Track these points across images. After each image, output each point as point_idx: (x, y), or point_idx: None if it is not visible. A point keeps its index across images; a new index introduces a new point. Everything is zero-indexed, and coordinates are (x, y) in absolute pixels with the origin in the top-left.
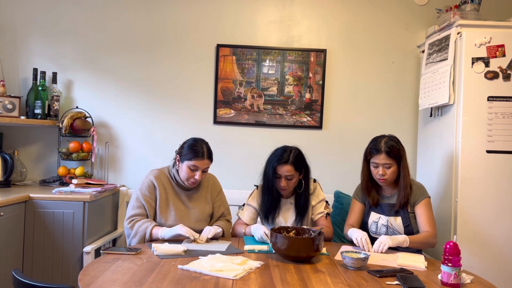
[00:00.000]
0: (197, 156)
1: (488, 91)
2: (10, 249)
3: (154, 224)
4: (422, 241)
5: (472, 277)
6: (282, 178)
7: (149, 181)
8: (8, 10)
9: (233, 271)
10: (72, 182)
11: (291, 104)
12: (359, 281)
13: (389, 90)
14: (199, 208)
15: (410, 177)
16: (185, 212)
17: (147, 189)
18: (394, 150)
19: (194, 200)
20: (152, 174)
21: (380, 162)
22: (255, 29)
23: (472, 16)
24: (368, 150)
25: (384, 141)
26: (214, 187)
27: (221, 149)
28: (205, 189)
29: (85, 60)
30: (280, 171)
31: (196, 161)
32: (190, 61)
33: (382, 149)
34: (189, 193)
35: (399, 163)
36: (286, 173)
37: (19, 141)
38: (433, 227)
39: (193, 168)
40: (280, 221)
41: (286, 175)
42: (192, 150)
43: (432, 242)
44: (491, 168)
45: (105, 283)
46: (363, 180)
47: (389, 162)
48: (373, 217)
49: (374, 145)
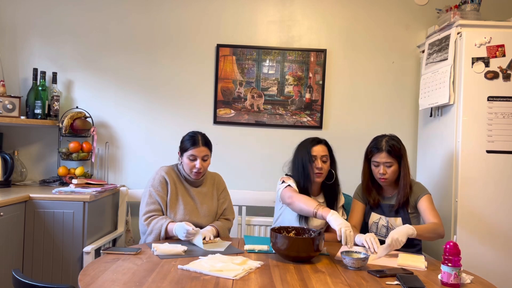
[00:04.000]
0: (193, 145)
1: (488, 91)
2: (10, 249)
3: (169, 220)
4: (430, 230)
5: (472, 277)
6: (318, 159)
7: (161, 177)
8: (8, 10)
9: (233, 271)
10: (72, 182)
11: (291, 104)
12: (359, 281)
13: (389, 90)
14: (207, 205)
15: (410, 177)
16: (194, 207)
17: (159, 185)
18: (395, 149)
19: (203, 196)
20: (163, 170)
21: (381, 160)
22: (255, 29)
23: (472, 16)
24: (369, 149)
25: (386, 140)
26: (219, 185)
27: (221, 149)
28: (212, 186)
29: (85, 60)
30: (316, 151)
31: (193, 150)
32: (190, 61)
33: (383, 148)
34: (198, 189)
35: (400, 162)
36: (322, 153)
37: (19, 141)
38: (439, 219)
39: (192, 158)
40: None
41: (322, 155)
42: (188, 141)
43: (440, 231)
44: (491, 168)
45: (105, 283)
46: (364, 180)
47: (390, 161)
48: (374, 218)
49: (375, 144)
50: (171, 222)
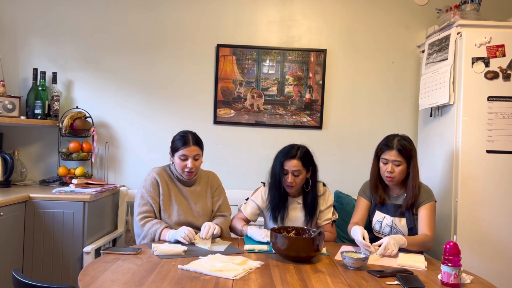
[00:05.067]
0: (184, 145)
1: (488, 91)
2: (10, 249)
3: (164, 226)
4: (419, 243)
5: (472, 277)
6: (289, 173)
7: (152, 178)
8: (8, 10)
9: (233, 271)
10: (72, 182)
11: (291, 104)
12: (359, 281)
13: (389, 90)
14: (201, 204)
15: (419, 180)
16: (188, 208)
17: (151, 186)
18: (406, 149)
19: (196, 196)
20: (154, 171)
21: (390, 158)
22: (255, 29)
23: (472, 16)
24: (379, 147)
25: (397, 139)
26: (213, 183)
27: (221, 149)
28: (205, 185)
29: (85, 60)
30: (288, 166)
31: (184, 150)
32: (190, 61)
33: (394, 146)
34: (191, 188)
35: (409, 163)
36: (294, 168)
37: (19, 141)
38: (432, 231)
39: (183, 157)
40: (290, 221)
41: (293, 170)
42: (179, 140)
43: (428, 246)
44: (491, 168)
45: (105, 283)
46: (372, 177)
47: (399, 160)
48: (378, 216)
49: (386, 142)
50: (166, 228)
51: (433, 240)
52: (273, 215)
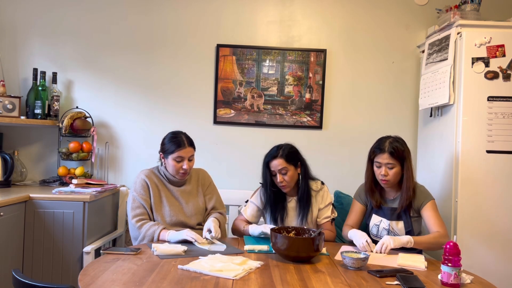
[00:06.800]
0: (179, 147)
1: (488, 91)
2: (10, 249)
3: (162, 227)
4: (431, 241)
5: (472, 277)
6: (277, 173)
7: (142, 180)
8: (8, 10)
9: (233, 271)
10: (72, 182)
11: (291, 104)
12: (359, 281)
13: (389, 90)
14: (193, 203)
15: (414, 181)
16: (179, 208)
17: (141, 188)
18: (398, 151)
19: (187, 195)
20: (143, 173)
21: (383, 161)
22: (255, 29)
23: (472, 16)
24: (372, 150)
25: (389, 142)
26: (204, 181)
27: (221, 149)
28: (196, 183)
29: (85, 60)
30: (273, 167)
31: (179, 152)
32: (190, 61)
33: (385, 149)
34: (181, 188)
35: (403, 164)
36: (279, 166)
37: (19, 141)
38: (443, 227)
39: (179, 159)
40: (290, 221)
41: (279, 169)
42: (173, 142)
43: (442, 242)
44: (491, 168)
45: (105, 283)
46: (367, 181)
47: (392, 162)
48: (375, 220)
49: (378, 145)
50: (164, 229)
51: (447, 236)
52: (273, 217)
